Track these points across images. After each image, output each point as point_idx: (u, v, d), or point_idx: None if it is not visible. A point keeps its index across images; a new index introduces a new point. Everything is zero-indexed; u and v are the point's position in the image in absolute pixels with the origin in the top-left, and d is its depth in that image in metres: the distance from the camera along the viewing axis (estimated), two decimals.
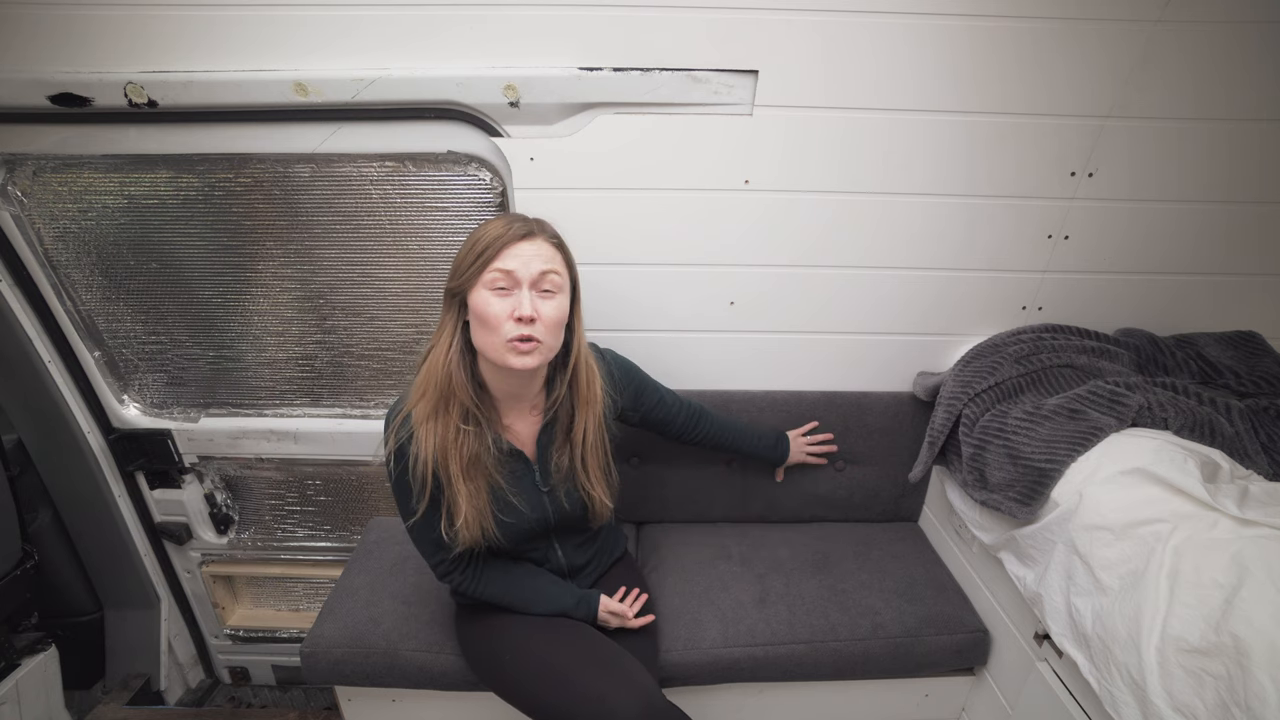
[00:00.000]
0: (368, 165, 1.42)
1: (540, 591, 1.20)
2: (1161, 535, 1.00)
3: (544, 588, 1.20)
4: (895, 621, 1.39)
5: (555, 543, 1.24)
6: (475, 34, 1.25)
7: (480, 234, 1.01)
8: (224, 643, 2.05)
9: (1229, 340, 1.46)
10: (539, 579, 1.21)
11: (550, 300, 1.02)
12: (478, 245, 0.99)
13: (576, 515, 1.20)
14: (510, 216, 1.04)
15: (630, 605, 1.26)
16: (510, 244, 0.99)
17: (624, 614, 1.23)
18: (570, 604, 1.20)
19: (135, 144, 1.39)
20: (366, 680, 1.34)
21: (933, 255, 1.47)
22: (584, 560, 1.29)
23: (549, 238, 1.04)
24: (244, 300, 1.60)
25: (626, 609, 1.23)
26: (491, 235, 0.99)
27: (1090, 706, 1.12)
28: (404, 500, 1.12)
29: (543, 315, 1.00)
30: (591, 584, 1.32)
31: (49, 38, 1.24)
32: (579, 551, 1.28)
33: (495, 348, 1.00)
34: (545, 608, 1.19)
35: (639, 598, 1.30)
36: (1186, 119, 1.33)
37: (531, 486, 1.15)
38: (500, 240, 0.99)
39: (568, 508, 1.18)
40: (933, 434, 1.48)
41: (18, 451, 1.68)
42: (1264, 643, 0.83)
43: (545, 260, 1.01)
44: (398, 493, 1.12)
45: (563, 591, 1.21)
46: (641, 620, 1.25)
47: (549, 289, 1.02)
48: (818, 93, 1.30)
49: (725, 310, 1.54)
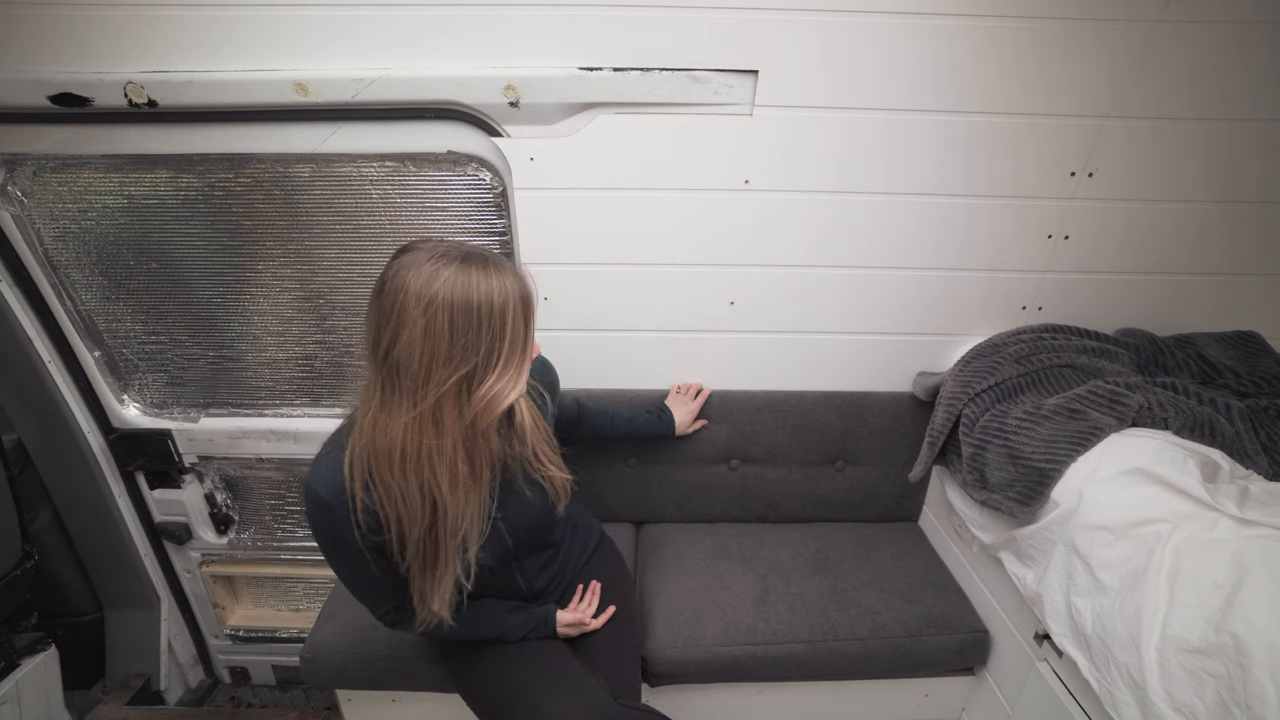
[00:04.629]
0: (368, 165, 1.42)
1: (499, 623, 1.14)
2: (1161, 535, 1.00)
3: (501, 619, 1.15)
4: (895, 621, 1.39)
5: (516, 571, 1.19)
6: (475, 34, 1.25)
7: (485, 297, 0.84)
8: (224, 643, 2.05)
9: (1229, 340, 1.46)
10: (496, 610, 1.15)
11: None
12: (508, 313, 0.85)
13: (540, 511, 1.10)
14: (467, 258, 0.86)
15: (586, 604, 1.23)
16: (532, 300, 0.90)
17: (581, 621, 1.19)
18: (530, 627, 1.16)
19: (135, 144, 1.38)
20: (367, 684, 1.34)
21: (932, 255, 1.47)
22: (547, 580, 1.24)
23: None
24: (244, 300, 1.60)
25: (583, 615, 1.20)
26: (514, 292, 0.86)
27: (1090, 706, 1.12)
28: (350, 564, 0.99)
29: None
30: (561, 595, 1.27)
31: (49, 38, 1.24)
32: (541, 575, 1.23)
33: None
34: (508, 638, 1.15)
35: (594, 593, 1.26)
36: (1186, 119, 1.33)
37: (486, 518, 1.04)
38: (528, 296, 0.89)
39: (531, 498, 1.08)
40: (933, 434, 1.48)
41: (18, 451, 1.68)
42: (1264, 643, 0.84)
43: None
44: (343, 559, 0.99)
45: (522, 619, 1.16)
46: (600, 619, 1.22)
47: None
48: (818, 93, 1.30)
49: (725, 310, 1.54)
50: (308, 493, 0.93)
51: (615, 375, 1.60)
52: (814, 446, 1.63)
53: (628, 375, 1.61)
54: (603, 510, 1.63)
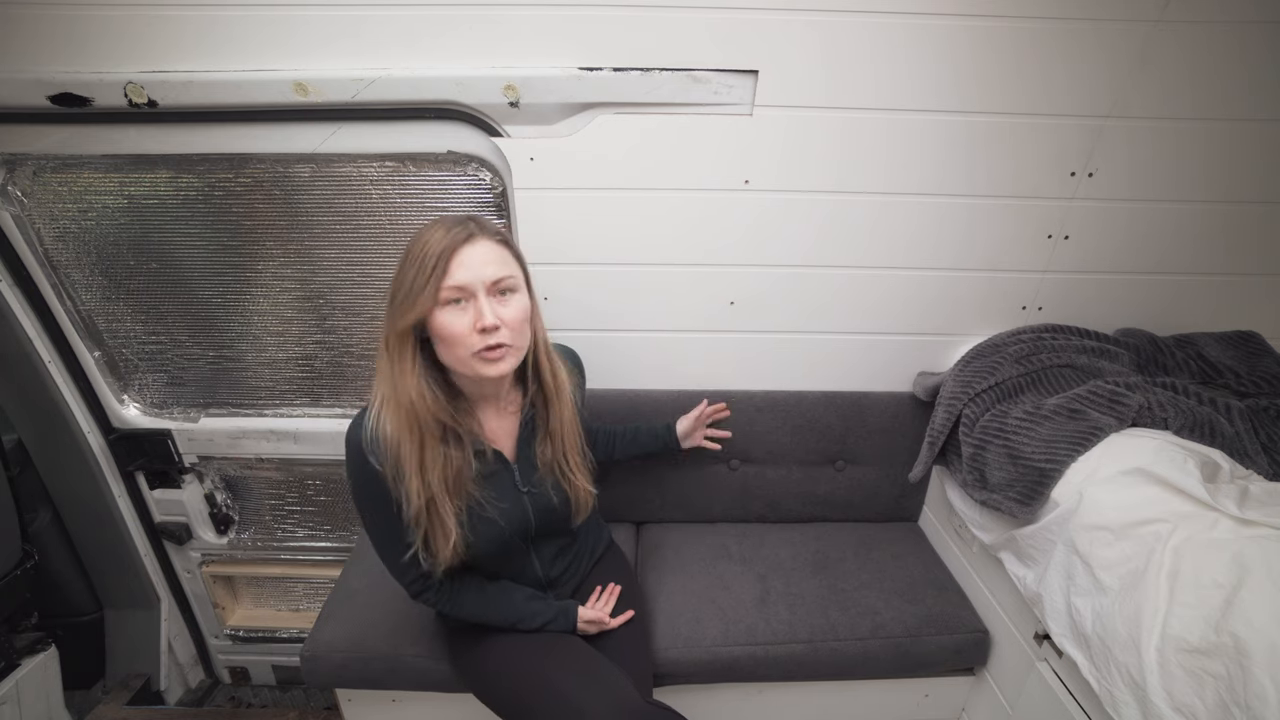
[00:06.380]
0: (368, 165, 1.42)
1: (518, 608, 1.16)
2: (1161, 535, 1.00)
3: (521, 604, 1.17)
4: (895, 621, 1.39)
5: (533, 554, 1.21)
6: (475, 34, 1.25)
7: (421, 250, 0.92)
8: (224, 643, 2.05)
9: (1229, 340, 1.46)
10: (515, 595, 1.17)
11: (509, 302, 0.98)
12: (425, 264, 0.91)
13: (560, 511, 1.17)
14: (445, 222, 0.95)
15: (604, 603, 1.25)
16: (455, 252, 0.93)
17: (601, 620, 1.21)
18: (550, 617, 1.17)
19: (135, 144, 1.38)
20: (367, 684, 1.34)
21: (932, 255, 1.47)
22: (561, 570, 1.26)
23: (492, 236, 0.98)
24: (244, 300, 1.60)
25: (603, 614, 1.21)
26: (435, 250, 0.92)
27: (1090, 706, 1.12)
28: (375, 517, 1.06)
29: (506, 320, 0.96)
30: (572, 592, 1.29)
31: (49, 38, 1.24)
32: (556, 562, 1.25)
33: (464, 362, 0.97)
34: (525, 624, 1.16)
35: (612, 593, 1.28)
36: (1186, 119, 1.33)
37: (511, 489, 1.12)
38: (446, 251, 0.92)
39: (555, 503, 1.15)
40: (933, 434, 1.48)
41: (18, 451, 1.68)
42: (1264, 643, 0.84)
43: (496, 263, 0.96)
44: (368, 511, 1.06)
45: (542, 607, 1.18)
46: (619, 619, 1.23)
47: (505, 290, 0.98)
48: (818, 93, 1.30)
49: (725, 310, 1.54)
50: (346, 438, 1.02)
51: (615, 375, 1.60)
52: (814, 446, 1.63)
53: (628, 375, 1.61)
54: (603, 510, 1.61)
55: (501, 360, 0.98)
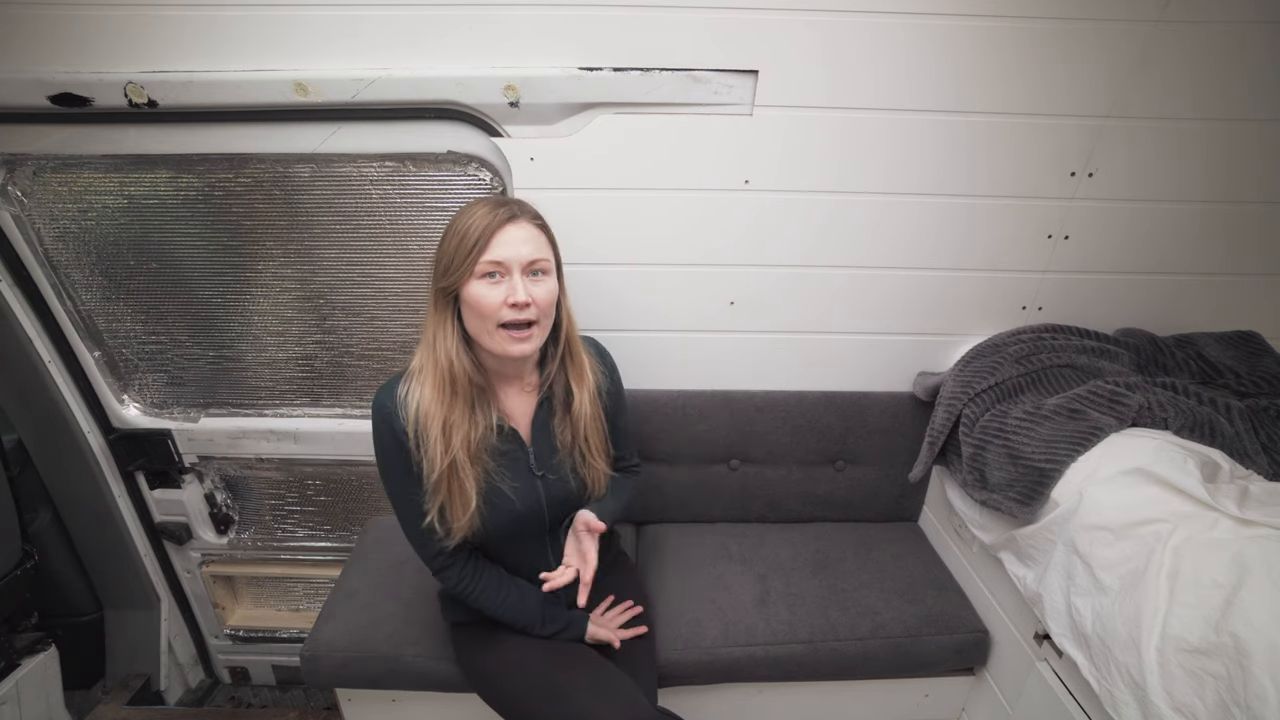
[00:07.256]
0: (368, 165, 1.42)
1: (532, 611, 1.17)
2: (1161, 535, 1.00)
3: (535, 608, 1.18)
4: (895, 621, 1.39)
5: (549, 545, 1.21)
6: (475, 34, 1.25)
7: (465, 225, 0.99)
8: (224, 643, 2.05)
9: (1229, 340, 1.46)
10: (530, 597, 1.18)
11: (541, 283, 1.03)
12: (467, 238, 0.98)
13: (577, 497, 1.18)
14: (490, 201, 1.02)
15: (619, 616, 1.28)
16: (497, 231, 0.99)
17: (610, 641, 1.22)
18: (561, 626, 1.19)
19: (135, 144, 1.38)
20: (367, 684, 1.34)
21: (932, 255, 1.47)
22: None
23: (532, 219, 1.04)
24: (244, 300, 1.60)
25: (613, 637, 1.22)
26: (479, 226, 0.98)
27: (1090, 706, 1.12)
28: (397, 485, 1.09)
29: (536, 299, 1.01)
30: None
31: (49, 38, 1.24)
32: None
33: (491, 334, 1.01)
34: (537, 630, 1.17)
35: (625, 612, 1.30)
36: (1186, 119, 1.33)
37: (526, 472, 1.13)
38: (489, 229, 0.98)
39: (572, 487, 1.16)
40: (933, 434, 1.48)
41: (18, 451, 1.68)
42: (1264, 643, 0.84)
43: (533, 245, 1.02)
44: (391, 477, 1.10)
45: (556, 613, 1.20)
46: (629, 633, 1.25)
47: (538, 271, 1.03)
48: (818, 93, 1.30)
49: (725, 310, 1.54)
50: (374, 404, 1.07)
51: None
52: (814, 446, 1.63)
53: (628, 376, 1.57)
54: None
55: (528, 340, 1.02)
